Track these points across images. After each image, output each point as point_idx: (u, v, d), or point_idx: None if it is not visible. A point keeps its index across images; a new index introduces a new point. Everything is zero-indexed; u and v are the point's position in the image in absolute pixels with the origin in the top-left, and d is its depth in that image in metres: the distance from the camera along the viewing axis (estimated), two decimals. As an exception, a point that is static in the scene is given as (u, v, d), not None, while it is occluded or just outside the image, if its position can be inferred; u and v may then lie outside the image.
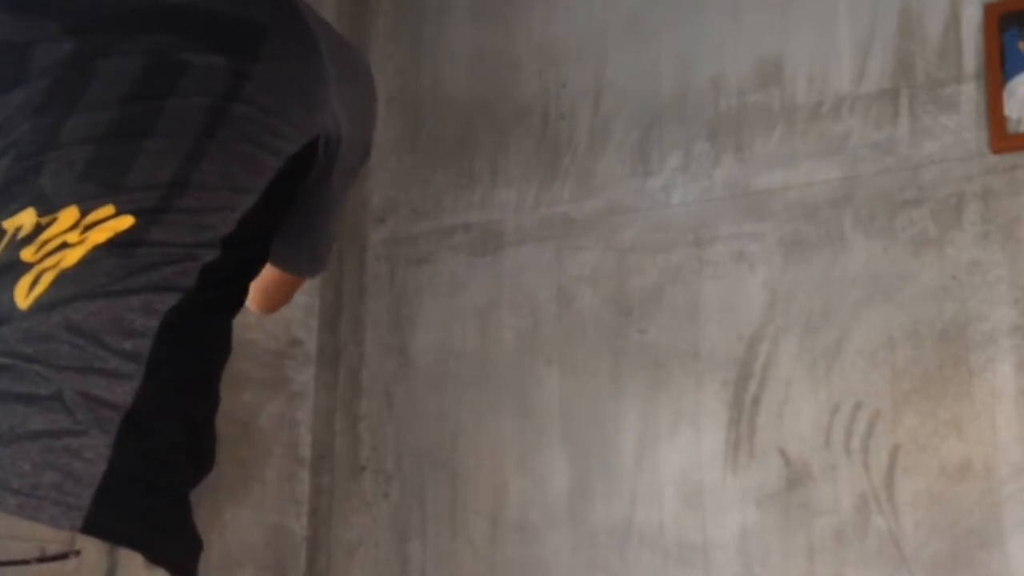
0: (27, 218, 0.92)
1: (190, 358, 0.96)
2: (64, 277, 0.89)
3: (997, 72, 1.54)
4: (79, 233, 0.91)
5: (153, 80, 0.97)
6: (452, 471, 1.94)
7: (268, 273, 1.16)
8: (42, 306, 0.88)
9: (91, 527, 0.83)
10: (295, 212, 1.06)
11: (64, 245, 0.91)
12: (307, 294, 2.06)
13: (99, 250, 0.90)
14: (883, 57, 1.66)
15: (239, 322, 1.06)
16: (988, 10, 1.57)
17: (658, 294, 1.79)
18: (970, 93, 1.58)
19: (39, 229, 0.91)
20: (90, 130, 0.95)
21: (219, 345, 1.01)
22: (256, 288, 1.15)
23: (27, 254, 0.91)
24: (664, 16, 1.86)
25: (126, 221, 0.92)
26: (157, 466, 0.91)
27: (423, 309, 2.03)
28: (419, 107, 2.09)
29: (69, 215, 0.92)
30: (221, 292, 0.98)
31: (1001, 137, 1.53)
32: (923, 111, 1.61)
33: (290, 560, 1.98)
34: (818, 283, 1.65)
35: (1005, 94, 1.54)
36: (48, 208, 0.92)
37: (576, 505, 1.81)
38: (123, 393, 0.87)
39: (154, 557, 0.87)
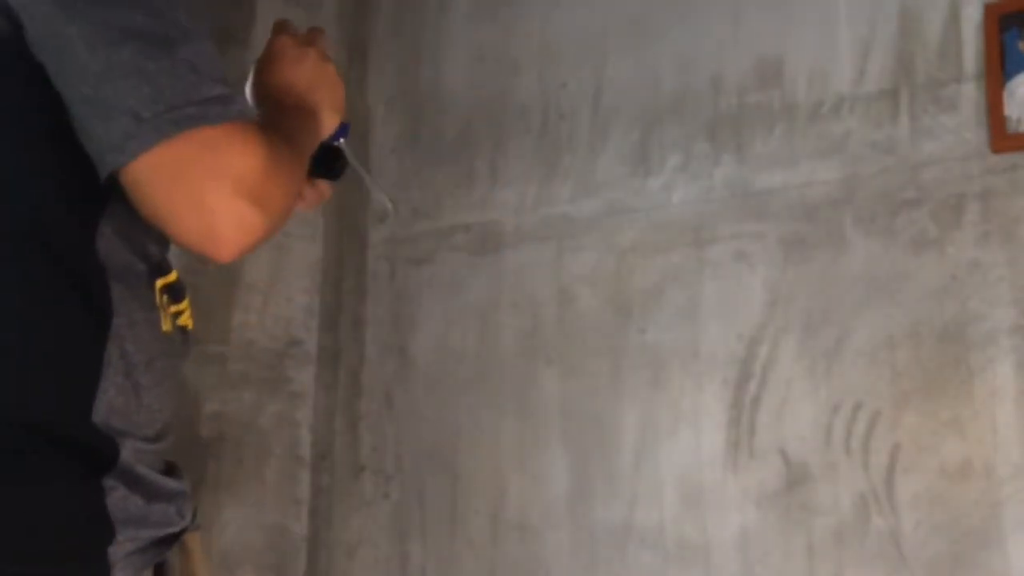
0: None
1: None
2: None
3: (997, 72, 1.54)
4: None
5: None
6: (452, 471, 1.94)
7: None
8: None
9: None
10: None
11: None
12: (307, 294, 2.06)
13: None
14: (883, 57, 1.65)
15: (239, 322, 1.06)
16: (988, 10, 1.57)
17: (658, 294, 1.79)
18: (970, 93, 1.58)
19: None
20: None
21: None
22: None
23: None
24: (664, 16, 1.86)
25: None
26: None
27: (423, 309, 2.03)
28: (419, 107, 2.09)
29: None
30: None
31: (1001, 137, 1.53)
32: (923, 111, 1.61)
33: (290, 560, 1.98)
34: (818, 283, 1.65)
35: (1005, 94, 1.53)
36: None
37: (576, 505, 1.81)
38: None
39: None
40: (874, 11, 1.67)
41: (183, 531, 1.10)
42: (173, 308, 1.10)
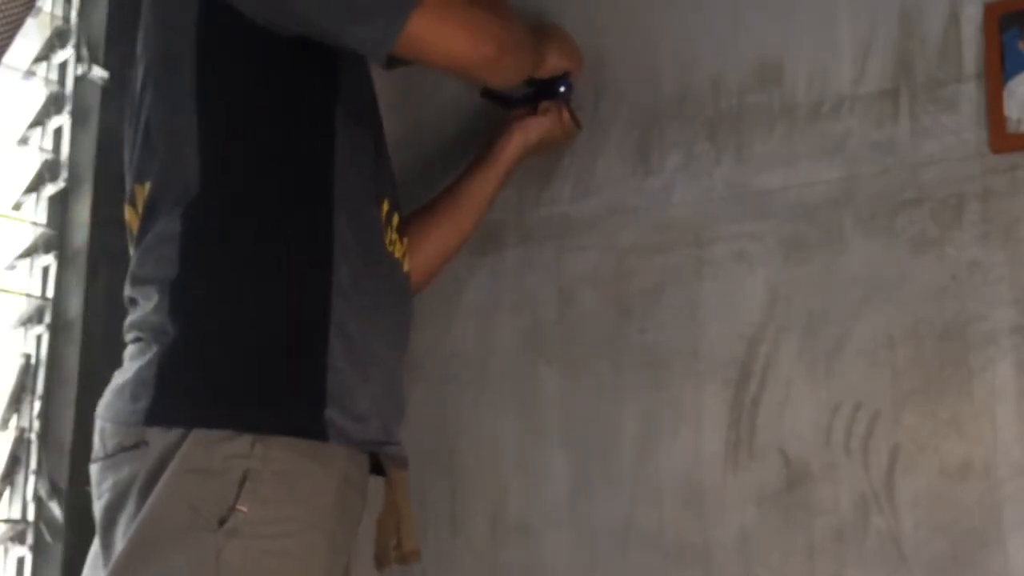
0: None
1: None
2: None
3: (997, 72, 1.54)
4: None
5: None
6: (452, 471, 1.94)
7: None
8: None
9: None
10: None
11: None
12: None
13: None
14: (883, 57, 1.65)
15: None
16: (988, 10, 1.57)
17: (658, 294, 1.79)
18: (970, 93, 1.58)
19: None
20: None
21: None
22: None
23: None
24: (664, 16, 1.86)
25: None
26: None
27: (423, 309, 2.03)
28: (419, 107, 2.09)
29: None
30: None
31: (1001, 137, 1.53)
32: (923, 111, 1.61)
33: (290, 560, 1.97)
34: (818, 283, 1.65)
35: (1005, 94, 1.53)
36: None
37: (576, 505, 1.81)
38: None
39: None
40: (874, 11, 1.67)
41: (387, 444, 1.42)
42: (395, 238, 1.46)
